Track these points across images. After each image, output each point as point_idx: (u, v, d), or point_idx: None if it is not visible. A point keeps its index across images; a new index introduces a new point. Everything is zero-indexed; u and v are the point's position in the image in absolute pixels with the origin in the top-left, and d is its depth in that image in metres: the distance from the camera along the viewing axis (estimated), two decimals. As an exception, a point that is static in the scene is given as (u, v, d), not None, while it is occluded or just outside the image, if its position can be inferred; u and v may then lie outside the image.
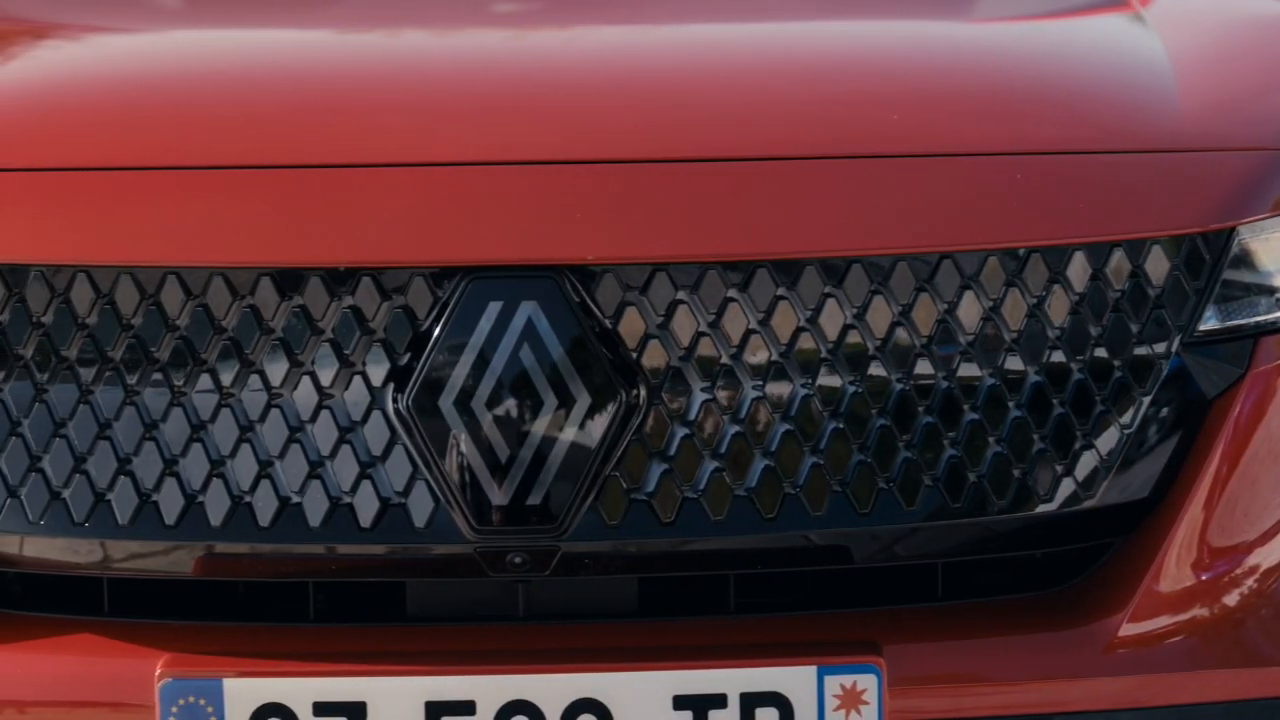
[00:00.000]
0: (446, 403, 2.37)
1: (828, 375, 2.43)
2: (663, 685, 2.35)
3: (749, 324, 2.42)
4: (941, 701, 2.46)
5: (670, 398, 2.40)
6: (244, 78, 2.76)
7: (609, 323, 2.40)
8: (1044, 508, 2.48)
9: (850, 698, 2.36)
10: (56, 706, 2.43)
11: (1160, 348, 2.51)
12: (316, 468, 2.40)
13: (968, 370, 2.45)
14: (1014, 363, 2.46)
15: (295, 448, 2.40)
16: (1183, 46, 2.88)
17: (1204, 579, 2.53)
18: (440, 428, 2.37)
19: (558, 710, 2.34)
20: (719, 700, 2.35)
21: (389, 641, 2.44)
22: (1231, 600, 2.54)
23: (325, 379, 2.40)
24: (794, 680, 2.36)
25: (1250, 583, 2.55)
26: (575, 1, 3.28)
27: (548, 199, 2.41)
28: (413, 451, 2.38)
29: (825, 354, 2.43)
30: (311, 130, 2.54)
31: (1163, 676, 2.51)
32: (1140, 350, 2.51)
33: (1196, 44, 2.91)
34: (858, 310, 2.43)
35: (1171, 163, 2.57)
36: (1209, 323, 2.54)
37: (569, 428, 2.37)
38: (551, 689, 2.35)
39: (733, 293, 2.41)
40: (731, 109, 2.60)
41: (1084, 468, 2.48)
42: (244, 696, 2.34)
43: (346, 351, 2.40)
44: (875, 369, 2.43)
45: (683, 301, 2.41)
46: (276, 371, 2.40)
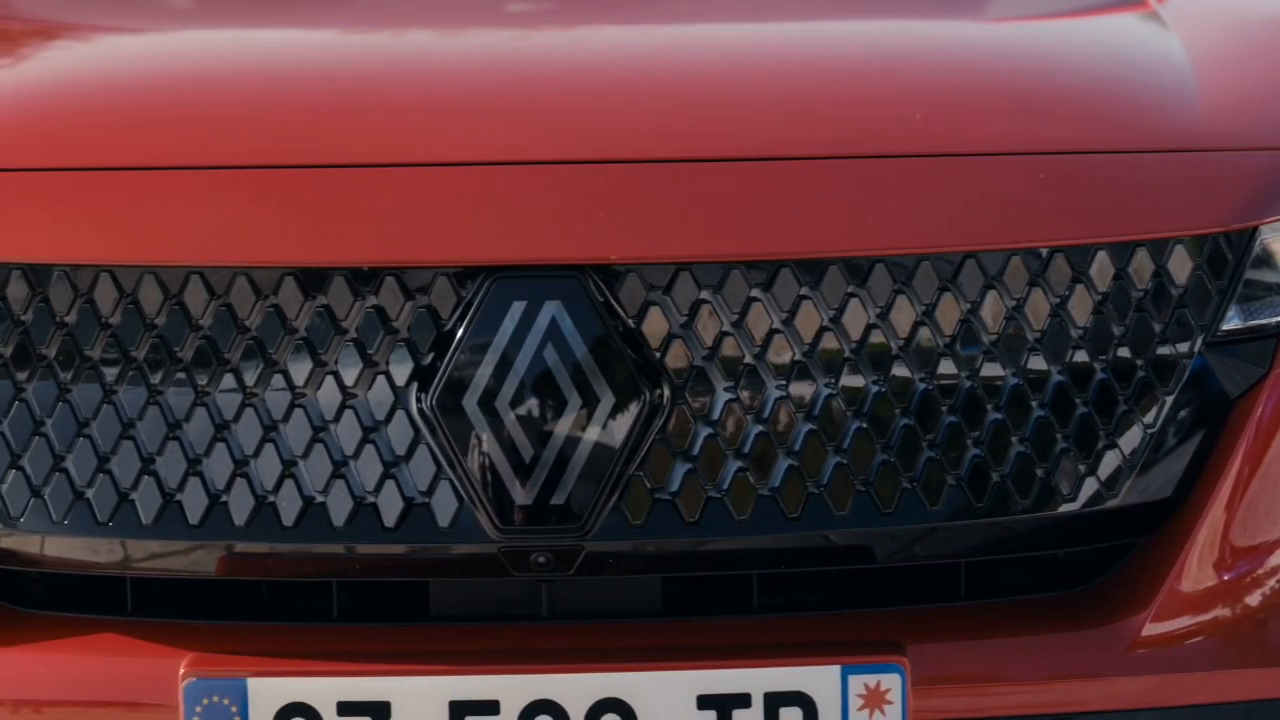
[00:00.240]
0: (470, 402, 2.37)
1: (851, 375, 2.43)
2: (686, 685, 2.35)
3: (772, 324, 2.42)
4: (965, 701, 2.46)
5: (694, 397, 2.40)
6: (267, 78, 2.77)
7: (632, 322, 2.40)
8: (1067, 507, 2.48)
9: (874, 697, 2.36)
10: (80, 706, 2.43)
11: (1183, 347, 2.51)
12: (340, 467, 2.40)
13: (991, 370, 2.45)
14: (1037, 362, 2.46)
15: (319, 447, 2.40)
16: (1201, 45, 2.88)
17: (1226, 579, 2.53)
18: (464, 427, 2.37)
19: (581, 710, 2.34)
20: (743, 700, 2.35)
21: (413, 641, 2.44)
22: (1254, 600, 2.54)
23: (349, 379, 2.40)
24: (818, 680, 2.36)
25: (1273, 582, 2.54)
26: (595, 2, 3.28)
27: (571, 199, 2.41)
28: (436, 451, 2.38)
29: (848, 353, 2.43)
30: (336, 130, 2.54)
31: (1185, 676, 2.51)
32: (1163, 350, 2.50)
33: (1214, 43, 2.91)
34: (881, 310, 2.43)
35: (1194, 162, 2.57)
36: (1231, 322, 2.54)
37: (593, 427, 2.37)
38: (575, 689, 2.35)
39: (756, 292, 2.41)
40: (755, 109, 2.60)
41: (1107, 467, 2.48)
42: (268, 696, 2.34)
43: (370, 351, 2.40)
44: (898, 369, 2.43)
45: (706, 301, 2.41)
46: (300, 371, 2.40)
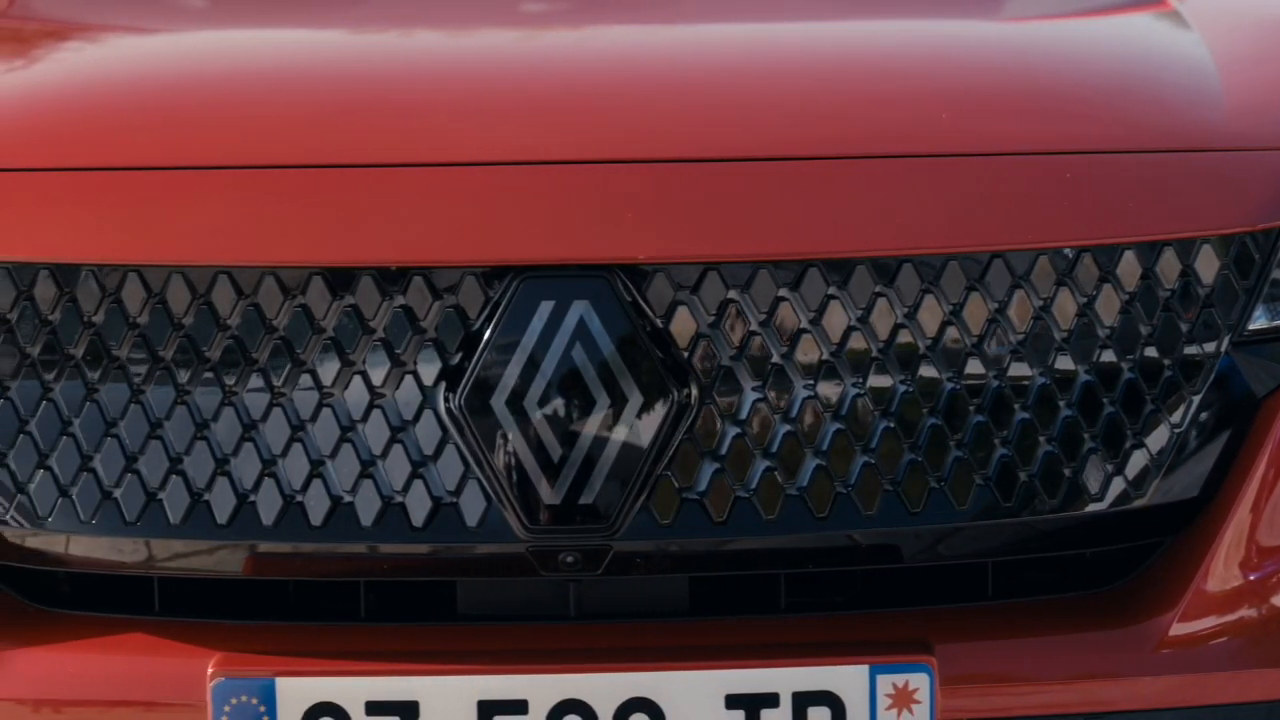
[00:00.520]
0: (498, 402, 2.37)
1: (879, 375, 2.42)
2: (715, 684, 2.35)
3: (800, 323, 2.42)
4: (993, 700, 2.46)
5: (721, 397, 2.40)
6: (295, 78, 2.77)
7: (660, 322, 2.40)
8: (1094, 507, 2.48)
9: (902, 697, 2.36)
10: (107, 706, 2.43)
11: (1210, 347, 2.51)
12: (368, 467, 2.40)
13: (1018, 369, 2.45)
14: (1064, 362, 2.46)
15: (347, 447, 2.40)
16: (1223, 44, 2.87)
17: (1252, 579, 2.52)
18: (492, 427, 2.37)
19: (610, 709, 2.34)
20: (771, 699, 2.35)
21: (440, 641, 2.44)
22: (1279, 600, 2.54)
23: (377, 379, 2.40)
24: (846, 679, 2.36)
25: (1299, 582, 2.55)
26: (618, 2, 3.28)
27: (599, 198, 2.41)
28: (464, 451, 2.38)
29: (876, 353, 2.43)
30: (363, 130, 2.54)
31: (1209, 676, 2.51)
32: (1190, 349, 2.50)
33: (1235, 42, 2.91)
34: (908, 310, 2.43)
35: (1220, 162, 2.57)
36: (1258, 322, 2.54)
37: (620, 427, 2.37)
38: (603, 688, 2.35)
39: (784, 292, 2.41)
40: (783, 108, 2.60)
41: (1134, 467, 2.48)
42: (296, 696, 2.35)
43: (398, 351, 2.40)
44: (926, 368, 2.43)
45: (734, 301, 2.41)
46: (328, 371, 2.40)
